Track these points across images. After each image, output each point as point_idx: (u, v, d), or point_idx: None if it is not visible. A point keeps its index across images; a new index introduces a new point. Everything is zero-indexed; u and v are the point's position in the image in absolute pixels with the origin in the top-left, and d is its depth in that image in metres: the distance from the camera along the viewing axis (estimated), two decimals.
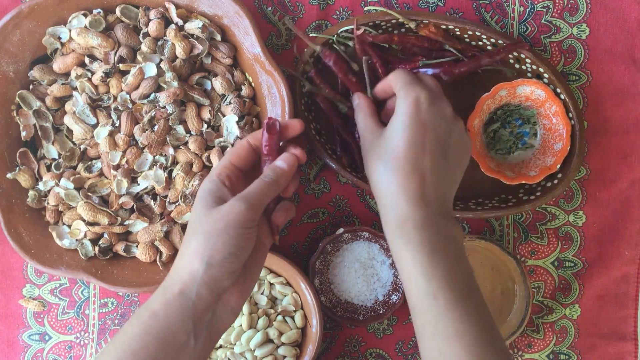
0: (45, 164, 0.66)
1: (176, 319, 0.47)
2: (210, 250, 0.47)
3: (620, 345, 0.71)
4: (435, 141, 0.53)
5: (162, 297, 0.48)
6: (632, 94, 0.70)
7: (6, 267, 0.71)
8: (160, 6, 0.65)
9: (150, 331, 0.46)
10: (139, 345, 0.46)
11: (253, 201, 0.49)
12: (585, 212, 0.71)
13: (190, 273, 0.47)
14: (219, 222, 0.48)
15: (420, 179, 0.52)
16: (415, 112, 0.53)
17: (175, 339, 0.47)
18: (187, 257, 0.48)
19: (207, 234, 0.48)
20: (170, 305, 0.47)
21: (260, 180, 0.51)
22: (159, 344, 0.46)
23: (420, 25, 0.66)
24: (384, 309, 0.69)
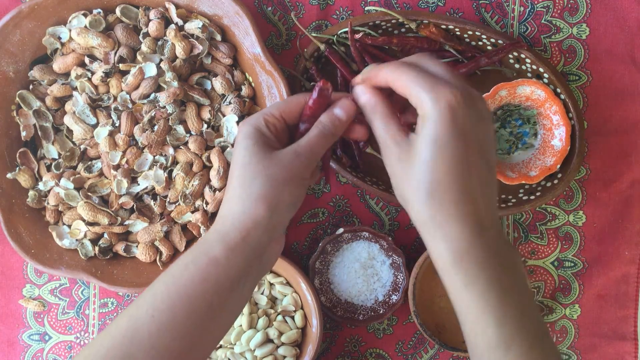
0: (45, 164, 0.66)
1: (237, 267, 0.45)
2: (277, 197, 0.45)
3: (620, 345, 0.71)
4: (480, 152, 0.43)
5: (223, 243, 0.45)
6: (632, 94, 0.70)
7: (6, 267, 0.71)
8: (160, 6, 0.65)
9: (209, 278, 0.45)
10: (196, 292, 0.45)
11: (313, 155, 0.47)
12: (585, 212, 0.71)
13: (255, 220, 0.45)
14: (284, 170, 0.45)
15: (472, 202, 0.43)
16: (453, 120, 0.42)
17: (232, 284, 0.46)
18: (250, 202, 0.45)
19: (273, 180, 0.45)
20: (232, 253, 0.45)
21: (319, 131, 0.47)
22: (216, 291, 0.45)
23: (420, 26, 0.66)
24: (384, 309, 0.69)
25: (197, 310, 0.44)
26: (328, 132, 0.47)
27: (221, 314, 0.46)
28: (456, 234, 0.43)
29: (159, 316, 0.44)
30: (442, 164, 0.43)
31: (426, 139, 0.43)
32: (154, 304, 0.45)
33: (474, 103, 0.44)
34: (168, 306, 0.44)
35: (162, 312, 0.44)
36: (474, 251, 0.43)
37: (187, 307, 0.44)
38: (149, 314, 0.44)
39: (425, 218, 0.44)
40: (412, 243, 0.71)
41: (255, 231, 0.45)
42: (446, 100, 0.42)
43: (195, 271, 0.45)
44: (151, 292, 0.45)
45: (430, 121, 0.43)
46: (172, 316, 0.44)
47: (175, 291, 0.45)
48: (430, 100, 0.42)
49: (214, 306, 0.45)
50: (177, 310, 0.44)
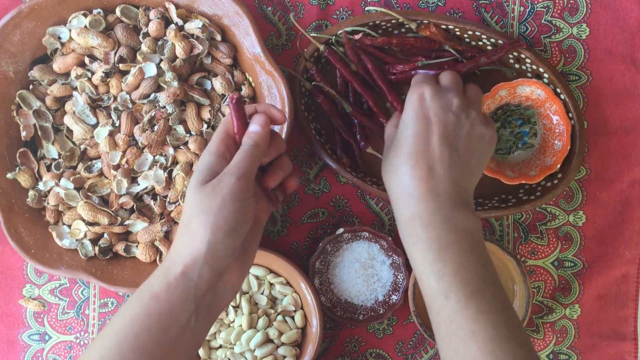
0: (45, 164, 0.66)
1: (178, 301, 0.46)
2: (211, 228, 0.46)
3: (620, 345, 0.71)
4: (442, 134, 0.52)
5: (164, 278, 0.46)
6: (632, 94, 0.70)
7: (6, 267, 0.71)
8: (160, 6, 0.65)
9: (152, 313, 0.46)
10: (141, 328, 0.45)
11: (240, 171, 0.47)
12: (585, 212, 0.71)
13: (192, 254, 0.46)
14: (215, 198, 0.46)
15: (427, 171, 0.51)
16: (419, 107, 0.53)
17: (177, 320, 0.46)
18: (188, 237, 0.47)
19: (205, 212, 0.46)
20: (172, 288, 0.46)
21: (240, 150, 0.49)
22: (160, 326, 0.46)
23: (421, 26, 0.66)
24: (384, 309, 0.69)
25: (143, 346, 0.45)
26: (249, 147, 0.49)
27: (174, 351, 0.46)
28: (409, 200, 0.51)
29: (107, 355, 0.45)
30: (408, 140, 0.53)
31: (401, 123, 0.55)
32: (102, 345, 0.46)
33: (444, 97, 0.54)
34: (114, 345, 0.45)
35: (110, 351, 0.45)
36: (420, 214, 0.51)
37: (133, 344, 0.45)
38: (99, 354, 0.45)
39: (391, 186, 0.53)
40: None
41: (194, 265, 0.46)
42: (419, 92, 0.54)
43: (139, 308, 0.46)
44: (101, 334, 0.47)
45: (405, 108, 0.55)
46: (119, 354, 0.45)
47: (122, 329, 0.46)
48: (409, 92, 0.55)
49: (162, 342, 0.46)
50: (124, 348, 0.45)
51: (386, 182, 0.55)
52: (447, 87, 0.56)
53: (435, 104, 0.53)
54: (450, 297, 0.48)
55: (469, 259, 0.50)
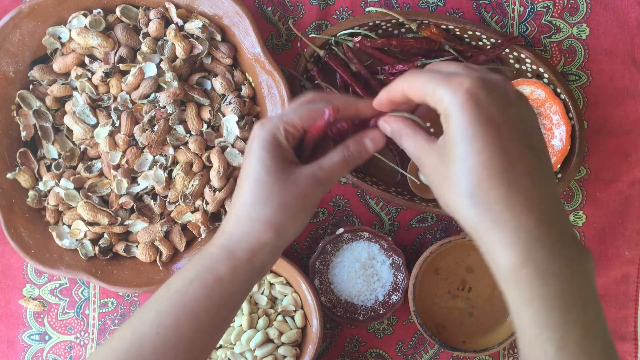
0: (45, 164, 0.66)
1: (240, 286, 0.46)
2: (286, 224, 0.44)
3: (620, 345, 0.71)
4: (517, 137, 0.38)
5: (229, 262, 0.45)
6: (632, 94, 0.70)
7: (6, 267, 0.71)
8: (160, 6, 0.65)
9: (213, 295, 0.45)
10: (200, 309, 0.45)
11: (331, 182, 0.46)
12: (585, 212, 0.71)
13: (262, 243, 0.44)
14: (299, 198, 0.44)
15: (523, 197, 0.37)
16: (476, 109, 0.37)
17: (234, 302, 0.46)
18: (260, 225, 0.44)
19: (286, 208, 0.44)
20: (237, 273, 0.45)
21: (344, 159, 0.45)
22: (219, 308, 0.45)
23: (421, 26, 0.66)
24: (384, 309, 0.69)
25: (201, 326, 0.45)
26: (352, 161, 0.46)
27: (222, 328, 0.47)
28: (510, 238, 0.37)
29: (164, 332, 0.44)
30: (477, 158, 0.37)
31: (453, 135, 0.38)
32: (158, 320, 0.45)
33: (497, 86, 0.39)
34: (173, 323, 0.45)
35: (167, 329, 0.44)
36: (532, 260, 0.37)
37: (191, 323, 0.45)
38: (154, 330, 0.44)
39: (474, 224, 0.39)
40: (412, 243, 0.71)
41: (261, 253, 0.45)
42: (464, 88, 0.38)
43: (200, 288, 0.45)
44: (155, 308, 0.45)
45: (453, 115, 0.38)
46: (177, 332, 0.44)
47: (181, 308, 0.45)
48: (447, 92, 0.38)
49: (216, 322, 0.46)
50: (182, 327, 0.45)
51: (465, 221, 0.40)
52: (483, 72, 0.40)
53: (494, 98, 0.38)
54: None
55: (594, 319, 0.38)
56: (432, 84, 0.40)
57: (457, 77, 0.39)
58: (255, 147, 0.44)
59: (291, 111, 0.46)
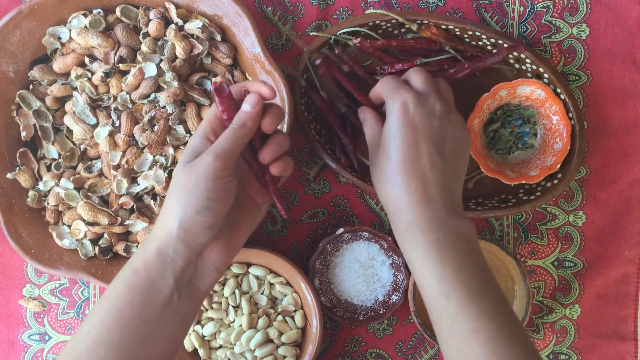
0: (45, 164, 0.66)
1: (157, 275, 0.47)
2: (182, 205, 0.47)
3: (620, 345, 0.71)
4: (429, 140, 0.53)
5: (142, 254, 0.48)
6: (632, 94, 0.70)
7: (6, 267, 0.71)
8: (160, 6, 0.65)
9: (133, 286, 0.47)
10: (123, 302, 0.47)
11: (221, 150, 0.47)
12: (585, 212, 0.71)
13: (166, 230, 0.47)
14: (190, 176, 0.47)
15: (421, 180, 0.52)
16: (404, 116, 0.53)
17: (159, 294, 0.47)
18: (163, 215, 0.48)
19: (179, 190, 0.47)
20: (149, 262, 0.47)
21: (227, 129, 0.49)
22: (142, 299, 0.47)
23: (422, 27, 0.66)
24: (384, 309, 0.69)
25: (127, 320, 0.47)
26: (236, 126, 0.49)
27: (158, 327, 0.47)
28: (405, 207, 0.52)
29: (93, 330, 0.47)
30: (397, 150, 0.53)
31: (385, 132, 0.54)
32: (89, 321, 0.48)
33: (426, 102, 0.54)
34: (100, 319, 0.47)
35: (96, 326, 0.47)
36: (418, 220, 0.51)
37: (117, 318, 0.46)
38: (85, 330, 0.47)
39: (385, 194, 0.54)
40: None
41: (168, 241, 0.47)
42: (401, 99, 0.54)
43: (121, 282, 0.48)
44: (89, 313, 0.49)
45: (390, 116, 0.54)
46: (104, 328, 0.46)
47: (106, 304, 0.47)
48: (390, 100, 0.55)
49: (145, 316, 0.47)
50: (109, 322, 0.47)
51: (379, 190, 0.55)
52: (425, 91, 0.55)
53: (420, 111, 0.53)
54: (451, 297, 0.49)
55: (468, 261, 0.51)
56: (386, 91, 0.56)
57: (401, 90, 0.54)
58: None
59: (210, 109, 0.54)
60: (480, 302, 0.49)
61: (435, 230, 0.51)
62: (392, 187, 0.53)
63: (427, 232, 0.51)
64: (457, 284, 0.49)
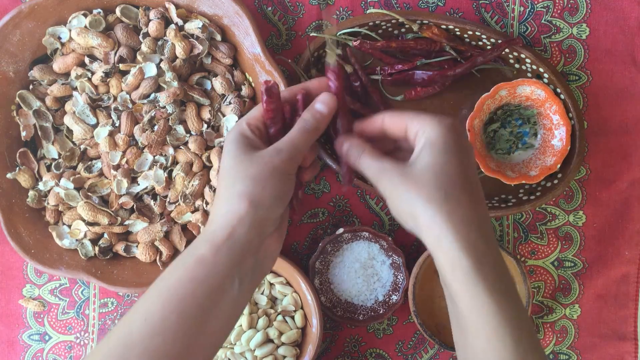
0: (45, 164, 0.66)
1: (225, 265, 0.45)
2: (259, 193, 0.46)
3: (620, 345, 0.71)
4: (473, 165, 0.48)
5: (210, 242, 0.45)
6: (632, 94, 0.70)
7: (6, 267, 0.71)
8: (160, 6, 0.65)
9: (196, 277, 0.45)
10: (185, 292, 0.45)
11: (295, 150, 0.47)
12: (585, 212, 0.71)
13: (239, 216, 0.45)
14: (265, 166, 0.46)
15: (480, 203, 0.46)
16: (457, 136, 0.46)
17: (222, 284, 0.46)
18: (234, 200, 0.46)
19: (254, 177, 0.46)
20: (218, 250, 0.45)
21: (301, 127, 0.49)
22: (205, 290, 0.45)
23: (423, 27, 0.66)
24: (384, 309, 0.69)
25: (188, 311, 0.45)
26: (310, 127, 0.49)
27: (216, 316, 0.46)
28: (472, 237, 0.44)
29: (151, 318, 0.44)
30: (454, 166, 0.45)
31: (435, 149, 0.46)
32: (145, 307, 0.45)
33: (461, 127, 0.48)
34: (159, 308, 0.45)
35: (154, 314, 0.45)
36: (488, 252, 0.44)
37: (177, 308, 0.45)
38: (142, 317, 0.45)
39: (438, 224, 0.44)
40: (412, 243, 0.71)
41: (240, 228, 0.45)
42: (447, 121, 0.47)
43: (183, 272, 0.45)
44: (144, 297, 0.46)
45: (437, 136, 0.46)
46: (163, 318, 0.44)
47: (166, 293, 0.45)
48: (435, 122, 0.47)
49: (205, 307, 0.45)
50: (168, 312, 0.44)
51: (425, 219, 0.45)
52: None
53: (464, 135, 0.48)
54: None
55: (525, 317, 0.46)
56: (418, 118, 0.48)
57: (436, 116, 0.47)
58: (225, 145, 0.49)
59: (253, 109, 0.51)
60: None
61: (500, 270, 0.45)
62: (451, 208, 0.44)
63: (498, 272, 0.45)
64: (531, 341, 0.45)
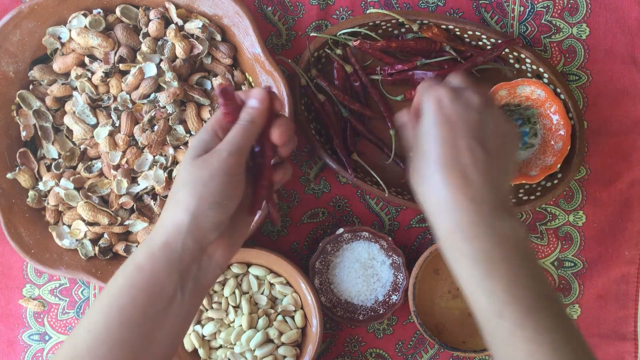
0: (45, 164, 0.66)
1: (162, 271, 0.46)
2: (196, 199, 0.45)
3: (620, 345, 0.71)
4: (469, 134, 0.47)
5: (147, 249, 0.46)
6: (632, 94, 0.70)
7: (6, 267, 0.71)
8: (160, 6, 0.65)
9: (136, 284, 0.45)
10: (125, 300, 0.45)
11: (233, 147, 0.47)
12: (585, 212, 0.71)
13: (176, 224, 0.46)
14: (204, 170, 0.46)
15: (462, 178, 0.46)
16: (439, 111, 0.48)
17: (162, 291, 0.46)
18: (173, 208, 0.47)
19: (192, 183, 0.46)
20: (155, 257, 0.46)
21: (237, 125, 0.48)
22: (146, 297, 0.45)
23: (423, 27, 0.66)
24: (384, 309, 0.69)
25: (130, 318, 0.45)
26: (245, 122, 0.48)
27: (161, 324, 0.46)
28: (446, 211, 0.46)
29: (94, 329, 0.45)
30: (433, 147, 0.47)
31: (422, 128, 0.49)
32: (89, 319, 0.46)
33: (462, 96, 0.49)
34: (101, 318, 0.45)
35: (97, 324, 0.45)
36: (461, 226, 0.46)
37: (119, 315, 0.45)
38: (86, 329, 0.45)
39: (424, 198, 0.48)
40: (412, 243, 0.71)
41: (177, 235, 0.46)
42: (434, 96, 0.49)
43: (123, 279, 0.46)
44: (88, 310, 0.47)
45: (424, 114, 0.50)
46: (106, 327, 0.45)
47: (107, 302, 0.46)
48: (425, 98, 0.50)
49: (149, 314, 0.45)
50: (111, 320, 0.45)
51: (420, 195, 0.49)
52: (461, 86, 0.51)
53: (456, 105, 0.48)
54: (504, 316, 0.44)
55: (521, 272, 0.45)
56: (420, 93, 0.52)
57: (436, 87, 0.50)
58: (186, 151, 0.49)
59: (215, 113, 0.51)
60: (536, 320, 0.44)
61: (482, 239, 0.45)
62: (430, 189, 0.47)
63: (472, 241, 0.45)
64: (510, 300, 0.44)
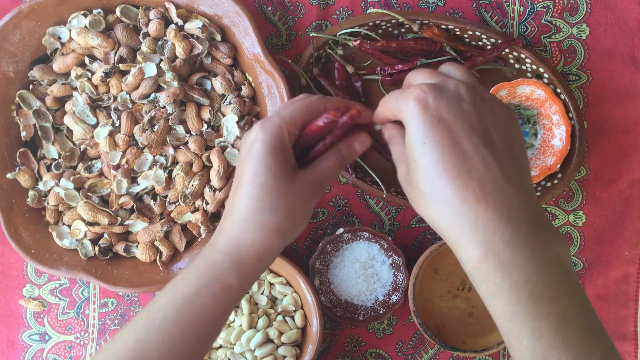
0: (45, 164, 0.66)
1: (246, 290, 0.47)
2: (291, 229, 0.45)
3: (620, 345, 0.71)
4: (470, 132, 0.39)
5: (238, 271, 0.45)
6: (632, 94, 0.70)
7: (6, 267, 0.71)
8: (160, 6, 0.65)
9: (221, 304, 0.45)
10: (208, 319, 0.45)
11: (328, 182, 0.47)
12: (585, 212, 0.71)
13: (269, 249, 0.45)
14: (304, 203, 0.45)
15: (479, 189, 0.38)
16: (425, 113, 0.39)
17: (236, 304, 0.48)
18: (269, 232, 0.44)
19: (290, 212, 0.44)
20: (245, 280, 0.45)
21: (338, 161, 0.47)
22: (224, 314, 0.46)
23: (423, 27, 0.66)
24: (384, 309, 0.69)
25: (206, 333, 0.45)
26: (344, 163, 0.47)
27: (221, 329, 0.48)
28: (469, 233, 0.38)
29: (170, 341, 0.44)
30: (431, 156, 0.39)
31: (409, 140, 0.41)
32: (164, 328, 0.44)
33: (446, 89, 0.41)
34: (179, 332, 0.44)
35: (174, 337, 0.44)
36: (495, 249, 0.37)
37: (198, 332, 0.45)
38: (160, 338, 0.44)
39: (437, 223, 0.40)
40: (412, 243, 0.71)
41: (267, 259, 0.46)
42: (413, 96, 0.40)
43: (209, 298, 0.44)
44: (161, 316, 0.45)
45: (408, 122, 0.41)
46: (183, 341, 0.44)
47: (187, 317, 0.44)
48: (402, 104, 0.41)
49: (220, 326, 0.47)
50: (189, 336, 0.44)
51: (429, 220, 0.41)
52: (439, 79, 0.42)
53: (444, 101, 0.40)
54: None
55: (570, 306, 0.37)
56: (393, 101, 0.42)
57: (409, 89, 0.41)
58: (260, 150, 0.44)
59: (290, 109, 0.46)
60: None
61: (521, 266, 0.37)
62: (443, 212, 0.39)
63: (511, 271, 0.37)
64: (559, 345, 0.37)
